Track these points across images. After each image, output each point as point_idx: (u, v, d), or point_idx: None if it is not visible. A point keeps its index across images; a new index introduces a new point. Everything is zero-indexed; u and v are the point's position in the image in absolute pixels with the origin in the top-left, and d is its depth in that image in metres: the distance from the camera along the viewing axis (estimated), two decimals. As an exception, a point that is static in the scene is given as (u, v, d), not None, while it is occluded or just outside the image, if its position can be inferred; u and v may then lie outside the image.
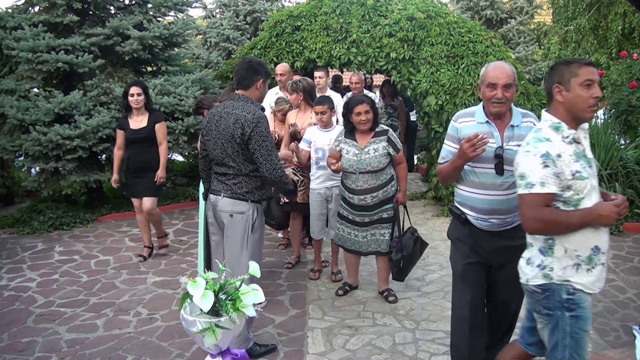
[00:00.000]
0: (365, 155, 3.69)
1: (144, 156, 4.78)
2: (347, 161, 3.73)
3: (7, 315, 3.96)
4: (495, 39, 6.30)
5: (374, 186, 3.72)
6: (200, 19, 11.46)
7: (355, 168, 3.70)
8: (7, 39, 6.10)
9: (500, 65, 2.49)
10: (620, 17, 9.46)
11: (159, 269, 4.85)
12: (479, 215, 2.54)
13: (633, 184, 5.61)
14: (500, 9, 11.06)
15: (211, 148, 3.04)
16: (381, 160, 3.68)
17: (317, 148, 4.24)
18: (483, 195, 2.50)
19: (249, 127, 2.87)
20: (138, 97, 4.71)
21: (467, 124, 2.56)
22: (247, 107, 2.94)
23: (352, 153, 3.72)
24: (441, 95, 6.21)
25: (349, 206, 3.85)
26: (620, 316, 3.70)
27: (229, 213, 2.98)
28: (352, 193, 3.77)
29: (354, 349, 3.35)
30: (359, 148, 3.72)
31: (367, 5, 6.51)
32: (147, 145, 4.78)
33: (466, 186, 2.57)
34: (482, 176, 2.50)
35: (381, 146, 3.71)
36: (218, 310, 1.94)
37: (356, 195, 3.75)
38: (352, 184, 3.75)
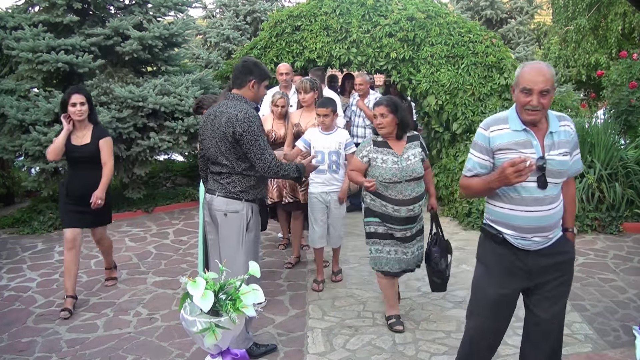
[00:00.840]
0: (407, 161, 3.40)
1: (88, 180, 3.91)
2: (387, 171, 3.38)
3: (7, 315, 3.96)
4: (495, 39, 6.31)
5: (420, 194, 3.45)
6: (200, 19, 11.46)
7: (400, 176, 3.37)
8: (7, 39, 6.09)
9: (538, 68, 2.19)
10: (620, 17, 9.46)
11: (159, 269, 4.85)
12: (519, 235, 2.28)
13: (633, 184, 5.62)
14: (500, 9, 11.07)
15: (207, 147, 3.06)
16: (420, 166, 3.44)
17: (316, 151, 4.11)
18: (524, 212, 2.24)
19: (241, 126, 2.89)
20: (81, 107, 3.85)
21: (501, 133, 2.27)
22: (240, 106, 2.96)
23: (391, 161, 3.39)
24: (441, 95, 6.21)
25: (392, 221, 3.44)
26: (620, 316, 3.70)
27: (224, 212, 2.99)
28: (399, 204, 3.39)
29: (354, 349, 3.35)
30: (397, 155, 3.41)
31: (367, 5, 6.51)
32: (92, 167, 3.93)
33: (503, 203, 2.29)
34: (523, 191, 2.23)
35: (417, 151, 3.47)
36: (218, 310, 1.94)
37: (404, 207, 3.39)
38: (399, 194, 3.38)
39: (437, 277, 3.59)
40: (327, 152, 4.09)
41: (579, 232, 5.46)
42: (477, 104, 6.07)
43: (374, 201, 3.47)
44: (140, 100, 6.14)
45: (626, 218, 5.52)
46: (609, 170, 5.64)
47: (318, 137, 4.16)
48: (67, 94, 3.87)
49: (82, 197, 3.88)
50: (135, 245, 5.54)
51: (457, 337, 3.44)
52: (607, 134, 5.86)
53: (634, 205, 5.53)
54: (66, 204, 3.97)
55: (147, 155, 6.41)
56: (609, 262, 4.74)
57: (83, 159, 3.90)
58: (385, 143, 3.45)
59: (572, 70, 10.04)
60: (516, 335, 3.46)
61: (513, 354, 3.26)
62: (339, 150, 4.14)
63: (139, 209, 6.70)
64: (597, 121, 6.38)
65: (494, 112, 5.97)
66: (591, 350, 3.27)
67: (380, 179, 3.39)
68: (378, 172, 3.40)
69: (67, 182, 4.00)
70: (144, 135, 6.38)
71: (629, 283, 4.27)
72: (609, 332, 3.48)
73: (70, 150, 3.92)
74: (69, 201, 3.94)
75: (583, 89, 10.45)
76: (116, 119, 6.11)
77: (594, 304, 3.91)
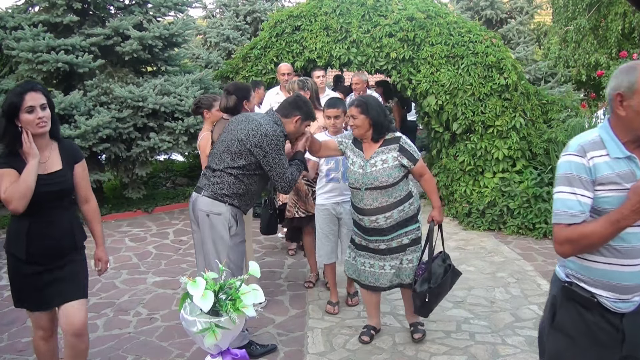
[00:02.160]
0: (372, 167, 3.08)
1: (58, 229, 2.50)
2: (352, 174, 3.15)
3: (7, 315, 3.96)
4: (495, 39, 6.30)
5: (385, 205, 3.07)
6: (200, 19, 11.45)
7: (360, 183, 3.09)
8: (7, 39, 6.09)
9: None
10: (620, 17, 9.45)
11: (159, 269, 4.85)
12: (619, 296, 1.77)
13: (633, 184, 5.61)
14: (500, 9, 11.05)
15: (221, 140, 3.09)
16: (391, 174, 3.05)
17: (329, 158, 3.71)
18: (631, 266, 1.74)
19: (268, 143, 2.93)
20: (44, 113, 2.41)
21: (600, 161, 1.72)
22: (273, 126, 3.01)
23: (358, 165, 3.13)
24: (441, 95, 6.21)
25: (360, 230, 3.24)
26: (620, 316, 3.69)
27: (206, 213, 2.99)
28: (360, 213, 3.15)
29: (354, 349, 3.34)
30: (365, 159, 3.12)
31: (367, 5, 6.51)
32: (62, 206, 2.54)
33: (603, 257, 1.75)
34: (632, 239, 1.71)
35: (391, 157, 3.08)
36: (218, 310, 1.94)
37: (366, 217, 3.13)
38: (360, 203, 3.14)
39: (415, 297, 3.15)
40: (342, 158, 3.61)
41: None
42: (477, 104, 6.07)
43: (351, 207, 3.29)
44: (140, 100, 6.14)
45: (626, 218, 5.51)
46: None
47: None
48: (16, 94, 2.38)
49: (50, 255, 2.47)
50: (135, 245, 5.54)
51: (457, 337, 3.45)
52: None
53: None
54: (25, 276, 2.47)
55: (147, 155, 6.42)
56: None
57: (51, 195, 2.45)
58: (360, 144, 3.20)
59: (572, 70, 10.03)
60: (516, 335, 3.47)
61: (513, 354, 3.26)
62: None
63: (139, 209, 6.71)
64: (597, 121, 6.38)
65: (494, 112, 5.97)
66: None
67: (348, 183, 3.21)
68: (348, 174, 3.22)
69: (26, 237, 2.42)
70: (144, 136, 6.39)
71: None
72: (609, 332, 3.47)
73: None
74: (30, 268, 2.45)
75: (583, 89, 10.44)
76: (116, 119, 6.11)
77: (594, 304, 3.91)
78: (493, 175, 6.02)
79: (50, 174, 2.49)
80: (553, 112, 6.22)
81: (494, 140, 6.01)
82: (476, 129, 6.10)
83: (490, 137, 6.04)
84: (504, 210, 5.70)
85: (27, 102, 2.37)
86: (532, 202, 5.56)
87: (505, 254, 5.02)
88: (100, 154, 6.50)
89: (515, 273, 4.55)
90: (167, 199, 7.02)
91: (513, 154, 5.95)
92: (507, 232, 5.60)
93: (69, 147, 2.64)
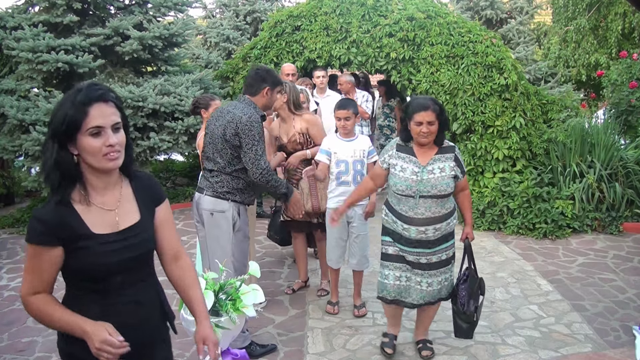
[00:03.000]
0: (429, 174, 2.86)
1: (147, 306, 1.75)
2: (403, 181, 2.88)
3: (7, 315, 3.96)
4: (495, 39, 6.30)
5: (437, 215, 2.89)
6: (200, 19, 11.45)
7: (414, 190, 2.86)
8: (7, 39, 6.09)
9: None
10: (620, 17, 9.45)
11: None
12: None
13: (633, 184, 5.62)
14: (500, 9, 11.05)
15: (207, 142, 3.11)
16: (449, 184, 2.88)
17: (338, 160, 3.60)
18: None
19: (242, 129, 2.92)
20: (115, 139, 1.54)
21: None
22: (246, 109, 2.99)
23: (410, 171, 2.88)
24: (441, 95, 6.20)
25: (401, 241, 2.98)
26: (620, 316, 3.70)
27: (210, 211, 3.01)
28: (408, 223, 2.90)
29: (354, 349, 3.34)
30: (420, 165, 2.89)
31: (367, 5, 6.51)
32: (148, 271, 1.80)
33: None
34: None
35: (448, 166, 2.89)
36: (218, 310, 1.94)
37: (414, 226, 2.89)
38: (410, 211, 2.89)
39: (463, 320, 3.04)
40: (352, 161, 3.58)
41: (578, 232, 5.47)
42: (477, 104, 6.07)
43: (387, 216, 3.04)
44: (140, 100, 6.14)
45: (626, 218, 5.52)
46: (609, 170, 5.64)
47: (339, 145, 3.64)
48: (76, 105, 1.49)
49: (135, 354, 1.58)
50: (135, 245, 5.53)
51: (457, 337, 3.45)
52: (607, 134, 5.87)
53: (634, 205, 5.54)
54: None
55: (147, 155, 6.42)
56: (609, 262, 4.74)
57: (130, 262, 1.64)
58: (411, 150, 2.94)
59: (572, 70, 10.03)
60: (516, 335, 3.47)
61: (513, 354, 3.26)
62: (363, 159, 3.62)
63: (139, 209, 6.70)
64: (597, 121, 6.39)
65: (494, 112, 5.97)
66: (591, 350, 3.27)
67: (393, 189, 2.93)
68: (393, 180, 2.94)
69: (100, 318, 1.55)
70: (144, 136, 6.38)
71: (629, 283, 4.27)
72: (609, 332, 3.48)
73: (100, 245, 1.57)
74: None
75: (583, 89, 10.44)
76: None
77: (594, 304, 3.91)
78: (493, 175, 6.02)
79: (124, 231, 1.60)
80: (553, 112, 6.22)
81: (494, 140, 6.01)
82: (476, 129, 6.10)
83: (490, 137, 6.04)
84: (504, 210, 5.70)
85: (93, 119, 1.47)
86: (532, 202, 5.56)
87: (505, 254, 5.02)
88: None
89: (515, 273, 4.55)
90: (167, 199, 7.02)
91: (513, 154, 5.95)
92: (507, 232, 5.60)
93: (147, 184, 1.74)
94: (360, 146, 3.63)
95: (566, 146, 5.85)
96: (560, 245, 5.20)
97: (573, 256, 4.92)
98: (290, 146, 3.89)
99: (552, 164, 5.87)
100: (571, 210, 5.43)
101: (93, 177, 1.57)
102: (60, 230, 1.50)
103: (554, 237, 5.38)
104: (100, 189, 1.59)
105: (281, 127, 3.95)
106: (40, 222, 1.50)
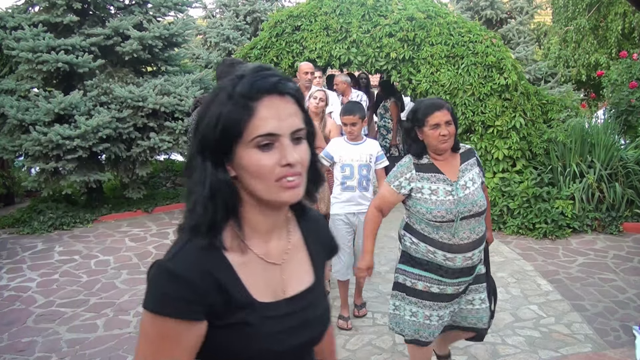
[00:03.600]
0: (464, 190, 2.39)
1: None
2: (439, 205, 2.35)
3: (7, 315, 3.96)
4: (495, 39, 6.30)
5: (481, 235, 2.44)
6: (200, 19, 11.46)
7: (455, 213, 2.35)
8: (7, 39, 6.10)
9: None
10: (620, 17, 9.46)
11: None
12: None
13: (633, 184, 5.62)
14: (500, 9, 11.06)
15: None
16: (482, 196, 2.44)
17: (344, 165, 3.50)
18: None
19: None
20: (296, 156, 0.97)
21: None
22: None
23: (443, 191, 2.37)
24: (441, 95, 6.20)
25: (438, 273, 2.42)
26: (620, 316, 3.70)
27: None
28: (453, 251, 2.37)
29: (354, 349, 3.34)
30: (451, 182, 2.40)
31: (367, 5, 6.51)
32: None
33: None
34: None
35: (475, 174, 2.48)
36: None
37: (460, 254, 2.37)
38: (454, 237, 2.36)
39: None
40: (357, 165, 3.48)
41: (578, 232, 5.47)
42: (477, 104, 6.07)
43: (416, 245, 2.45)
44: (140, 100, 6.15)
45: (626, 218, 5.52)
46: (609, 170, 5.64)
47: (345, 149, 3.53)
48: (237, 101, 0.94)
49: None
50: (135, 245, 5.54)
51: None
52: (607, 134, 5.87)
53: (634, 205, 5.54)
54: None
55: (148, 155, 6.42)
56: (609, 262, 4.75)
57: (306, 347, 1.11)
58: (432, 166, 2.43)
59: (572, 70, 10.04)
60: (516, 335, 3.47)
61: (513, 353, 3.26)
62: (369, 163, 3.50)
63: (139, 209, 6.71)
64: (597, 121, 6.38)
65: (494, 112, 5.97)
66: (591, 350, 3.27)
67: (428, 217, 2.37)
68: (424, 207, 2.38)
69: None
70: (144, 136, 6.39)
71: (629, 283, 4.27)
72: (609, 332, 3.48)
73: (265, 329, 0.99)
74: None
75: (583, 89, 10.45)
76: (116, 119, 6.12)
77: (594, 304, 3.91)
78: (493, 175, 6.02)
79: (295, 299, 1.06)
80: (553, 112, 6.22)
81: (494, 140, 6.01)
82: (476, 129, 6.09)
83: (490, 137, 6.04)
84: (504, 210, 5.70)
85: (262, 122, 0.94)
86: (532, 202, 5.56)
87: (505, 254, 5.02)
88: (100, 154, 6.50)
89: (515, 273, 4.55)
90: (167, 199, 7.01)
91: (513, 154, 5.95)
92: (507, 232, 5.60)
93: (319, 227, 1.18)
94: (367, 150, 3.50)
95: (566, 146, 5.85)
96: (560, 245, 5.21)
97: (573, 256, 4.92)
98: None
99: (552, 164, 5.87)
100: (571, 210, 5.43)
101: (255, 213, 1.00)
102: (209, 295, 0.94)
103: (554, 237, 5.39)
104: (264, 232, 1.02)
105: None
106: (178, 280, 0.95)
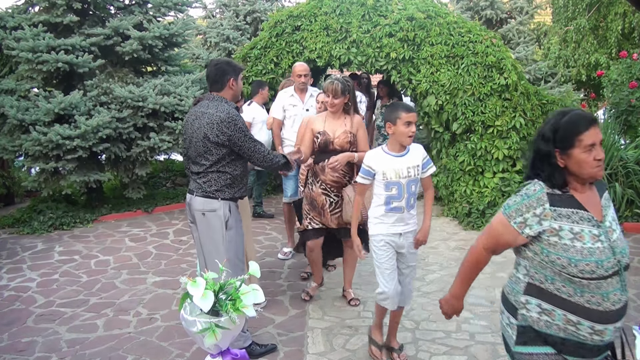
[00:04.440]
0: (612, 234, 1.78)
1: None
2: (588, 254, 1.72)
3: (7, 315, 3.96)
4: (495, 39, 6.31)
5: (627, 296, 1.82)
6: (200, 19, 11.46)
7: (612, 265, 1.73)
8: (7, 39, 6.10)
9: None
10: (620, 17, 9.47)
11: (159, 269, 4.85)
12: None
13: (633, 184, 5.61)
14: (500, 9, 11.06)
15: (187, 146, 3.12)
16: (626, 242, 1.86)
17: (388, 183, 2.92)
18: None
19: (227, 127, 2.93)
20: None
21: None
22: (221, 107, 2.99)
23: (589, 236, 1.74)
24: (441, 95, 6.21)
25: (577, 353, 1.80)
26: (620, 316, 3.69)
27: (201, 212, 3.02)
28: (604, 321, 1.74)
29: (354, 349, 3.35)
30: (598, 222, 1.77)
31: (367, 5, 6.51)
32: None
33: None
34: None
35: (614, 212, 1.90)
36: (218, 310, 1.94)
37: (612, 324, 1.75)
38: (605, 301, 1.73)
39: None
40: (405, 182, 2.92)
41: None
42: (477, 104, 6.07)
43: (547, 314, 1.81)
44: (140, 100, 6.15)
45: (626, 218, 5.52)
46: (609, 170, 5.64)
47: (388, 163, 2.94)
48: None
49: None
50: (135, 245, 5.54)
51: (457, 337, 3.45)
52: (607, 134, 5.86)
53: (634, 205, 5.53)
54: None
55: (147, 155, 6.42)
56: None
57: None
58: (573, 200, 1.79)
59: (572, 70, 10.04)
60: (516, 335, 3.46)
61: (513, 354, 3.26)
62: (417, 177, 2.98)
63: (139, 209, 6.71)
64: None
65: (494, 112, 5.97)
66: (591, 350, 3.26)
67: (569, 271, 1.73)
68: (566, 256, 1.74)
69: None
70: (144, 136, 6.39)
71: (629, 283, 4.26)
72: (609, 332, 3.47)
73: None
74: None
75: (583, 89, 10.45)
76: (116, 119, 6.12)
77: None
78: (493, 175, 6.02)
79: None
80: (553, 112, 6.22)
81: (494, 140, 6.01)
82: (476, 129, 6.10)
83: (490, 137, 6.04)
84: (504, 210, 5.69)
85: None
86: (532, 202, 5.55)
87: (505, 254, 4.98)
88: (100, 154, 6.50)
89: (515, 273, 4.54)
90: (167, 199, 7.01)
91: (513, 154, 5.95)
92: (507, 232, 5.59)
93: None
94: (414, 161, 2.95)
95: (566, 146, 5.84)
96: (560, 245, 5.20)
97: (573, 256, 4.91)
98: (338, 143, 3.64)
99: (552, 164, 5.86)
100: (571, 210, 5.42)
101: None
102: None
103: (554, 237, 5.38)
104: None
105: (327, 123, 3.69)
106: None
